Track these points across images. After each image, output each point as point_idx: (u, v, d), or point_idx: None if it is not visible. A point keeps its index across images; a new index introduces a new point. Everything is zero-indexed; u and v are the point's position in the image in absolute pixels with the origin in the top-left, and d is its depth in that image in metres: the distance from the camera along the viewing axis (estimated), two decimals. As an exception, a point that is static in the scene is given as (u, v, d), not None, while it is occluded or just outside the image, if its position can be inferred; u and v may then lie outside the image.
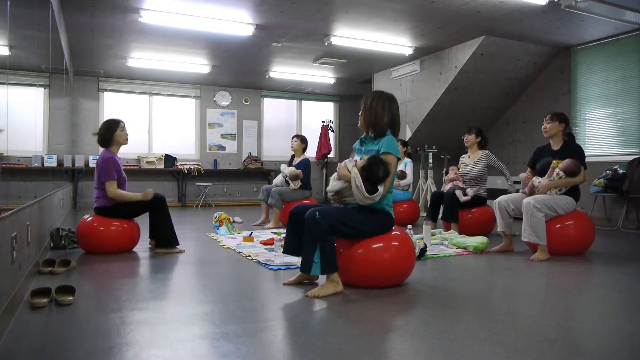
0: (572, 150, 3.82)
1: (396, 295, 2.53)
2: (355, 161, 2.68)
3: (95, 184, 3.80)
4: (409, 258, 2.73)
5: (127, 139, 3.90)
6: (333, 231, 2.54)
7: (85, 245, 3.73)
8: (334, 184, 2.69)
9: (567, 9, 4.78)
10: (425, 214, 6.10)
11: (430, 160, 7.28)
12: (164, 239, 3.79)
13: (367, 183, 2.54)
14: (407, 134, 7.59)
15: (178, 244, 3.84)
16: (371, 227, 2.63)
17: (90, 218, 3.75)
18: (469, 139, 5.02)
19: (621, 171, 5.57)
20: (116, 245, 3.74)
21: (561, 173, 3.70)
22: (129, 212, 3.82)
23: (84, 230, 3.70)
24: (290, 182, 5.70)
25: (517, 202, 3.86)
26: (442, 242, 4.29)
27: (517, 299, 2.56)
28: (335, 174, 2.72)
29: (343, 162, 2.66)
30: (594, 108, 6.35)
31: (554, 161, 3.81)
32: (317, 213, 2.50)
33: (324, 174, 9.73)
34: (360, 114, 2.83)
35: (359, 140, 2.90)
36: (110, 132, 3.81)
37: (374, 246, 2.63)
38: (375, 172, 2.56)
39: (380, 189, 2.58)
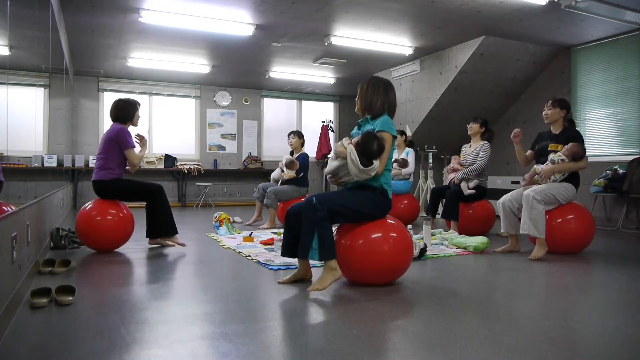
0: (572, 135, 3.79)
1: (396, 295, 2.53)
2: (351, 138, 2.75)
3: (100, 152, 3.79)
4: (407, 250, 2.72)
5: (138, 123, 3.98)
6: (332, 215, 2.56)
7: (84, 235, 3.73)
8: (331, 164, 2.73)
9: (567, 9, 4.78)
10: (425, 214, 6.10)
11: (430, 160, 7.29)
12: (163, 228, 3.78)
13: (362, 157, 2.59)
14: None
15: (177, 232, 3.86)
16: (369, 207, 2.64)
17: (90, 205, 3.77)
18: (473, 127, 4.99)
19: (621, 171, 5.57)
20: (112, 232, 3.74)
21: (563, 157, 3.67)
22: (128, 193, 3.82)
23: (83, 218, 3.71)
24: (284, 170, 5.63)
25: (521, 198, 3.83)
26: (442, 242, 4.29)
27: (517, 299, 2.56)
28: (332, 153, 2.76)
29: (340, 142, 2.71)
30: (594, 108, 6.35)
31: (551, 144, 3.79)
32: (314, 199, 2.55)
33: (324, 175, 9.72)
34: (357, 99, 2.89)
35: (356, 126, 2.96)
36: (133, 111, 3.86)
37: (373, 236, 2.63)
38: (369, 145, 2.60)
39: (376, 162, 2.62)
